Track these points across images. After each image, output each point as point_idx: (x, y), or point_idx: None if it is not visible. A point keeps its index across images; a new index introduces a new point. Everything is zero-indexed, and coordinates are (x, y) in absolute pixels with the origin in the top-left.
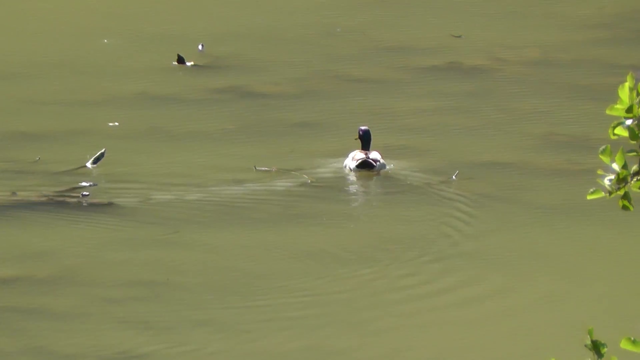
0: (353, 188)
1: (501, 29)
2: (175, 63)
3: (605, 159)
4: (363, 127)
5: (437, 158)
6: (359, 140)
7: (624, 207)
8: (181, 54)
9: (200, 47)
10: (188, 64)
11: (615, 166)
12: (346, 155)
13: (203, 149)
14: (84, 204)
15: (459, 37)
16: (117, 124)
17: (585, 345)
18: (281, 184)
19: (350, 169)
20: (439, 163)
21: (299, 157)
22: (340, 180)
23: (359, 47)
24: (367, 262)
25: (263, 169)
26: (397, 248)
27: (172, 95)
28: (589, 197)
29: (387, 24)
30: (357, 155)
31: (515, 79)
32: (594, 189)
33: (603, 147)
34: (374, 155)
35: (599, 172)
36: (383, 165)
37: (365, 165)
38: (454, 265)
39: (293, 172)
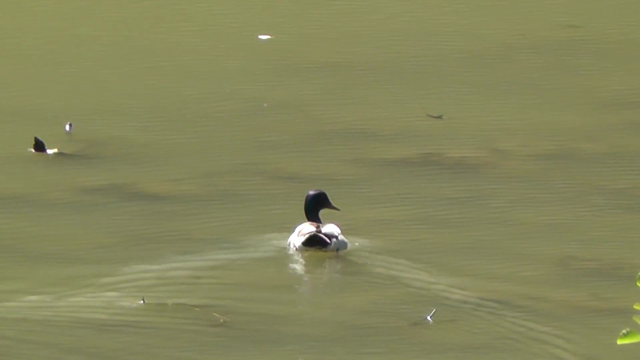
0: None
1: (500, 107)
2: (32, 150)
3: None
4: (312, 192)
5: (406, 290)
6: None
7: None
8: (40, 138)
9: (67, 126)
10: (49, 151)
11: None
12: (292, 230)
13: (69, 274)
14: None
15: (439, 117)
16: None
17: None
18: (181, 323)
19: (296, 248)
20: (408, 297)
21: (205, 285)
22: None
23: (296, 131)
24: None
25: (155, 302)
26: None
27: (24, 196)
28: (619, 342)
29: (337, 98)
30: (306, 228)
31: (520, 178)
32: (628, 330)
33: None
34: (330, 228)
35: (636, 306)
36: (343, 244)
37: (314, 243)
38: None
39: (197, 308)
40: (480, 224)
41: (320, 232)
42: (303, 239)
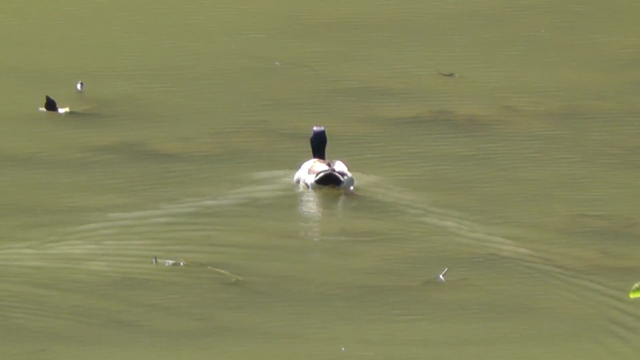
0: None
1: (511, 65)
2: (43, 109)
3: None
4: (314, 128)
5: (417, 249)
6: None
7: None
8: (51, 97)
9: (79, 85)
10: (61, 110)
11: None
12: (297, 168)
13: (80, 232)
14: None
15: (451, 75)
16: None
17: None
18: (193, 282)
19: (307, 186)
20: (420, 255)
21: (218, 245)
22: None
23: (307, 89)
24: None
25: (167, 262)
26: None
27: (35, 155)
28: (632, 296)
29: (347, 56)
30: (317, 166)
31: (531, 136)
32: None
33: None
34: (339, 166)
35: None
36: (352, 181)
37: (329, 181)
38: None
39: (210, 267)
40: (490, 181)
41: (334, 170)
42: (316, 177)
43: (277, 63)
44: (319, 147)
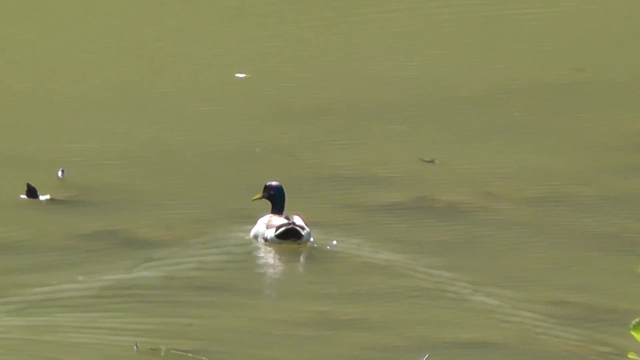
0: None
1: (491, 151)
2: (24, 196)
3: (638, 335)
4: (274, 183)
5: (397, 334)
6: (267, 202)
7: None
8: (32, 184)
9: (60, 173)
10: (42, 197)
11: None
12: (254, 223)
13: (61, 320)
14: None
15: (431, 162)
16: None
17: None
18: None
19: (266, 241)
20: (400, 342)
21: (198, 329)
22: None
23: (287, 176)
24: None
25: (148, 348)
26: None
27: (16, 243)
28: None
29: (327, 142)
30: (275, 220)
31: (512, 221)
32: None
33: (636, 320)
34: (298, 220)
35: (631, 355)
36: (309, 235)
37: (290, 235)
38: None
39: (190, 355)
40: (472, 268)
41: (295, 224)
42: (277, 231)
43: (257, 149)
44: (281, 201)
